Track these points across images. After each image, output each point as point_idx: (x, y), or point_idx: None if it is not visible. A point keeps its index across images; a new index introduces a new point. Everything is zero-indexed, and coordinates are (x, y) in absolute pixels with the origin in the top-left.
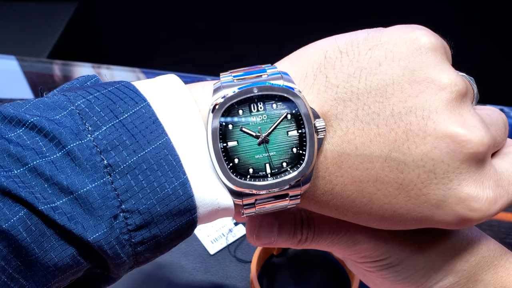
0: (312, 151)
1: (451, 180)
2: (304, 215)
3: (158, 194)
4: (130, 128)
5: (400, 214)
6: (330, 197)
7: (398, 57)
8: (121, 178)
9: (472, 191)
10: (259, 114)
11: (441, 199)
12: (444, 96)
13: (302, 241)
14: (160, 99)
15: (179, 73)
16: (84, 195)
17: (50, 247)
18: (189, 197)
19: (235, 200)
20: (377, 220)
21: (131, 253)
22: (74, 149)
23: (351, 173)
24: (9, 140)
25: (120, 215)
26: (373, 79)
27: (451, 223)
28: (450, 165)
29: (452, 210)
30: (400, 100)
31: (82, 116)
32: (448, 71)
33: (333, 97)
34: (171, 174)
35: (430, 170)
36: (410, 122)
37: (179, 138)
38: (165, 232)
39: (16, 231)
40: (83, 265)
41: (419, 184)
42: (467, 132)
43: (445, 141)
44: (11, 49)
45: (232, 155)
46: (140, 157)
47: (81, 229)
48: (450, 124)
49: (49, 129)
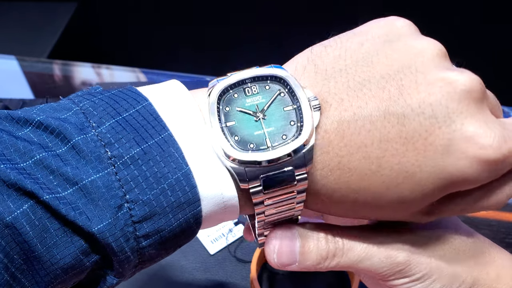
0: (310, 119)
1: (454, 121)
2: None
3: (161, 184)
4: (133, 123)
5: (412, 174)
6: (338, 173)
7: (377, 35)
8: (125, 168)
9: (477, 129)
10: (254, 96)
11: (448, 143)
12: (427, 53)
13: (330, 259)
14: (161, 99)
15: (179, 73)
16: (88, 184)
17: (53, 244)
18: (192, 188)
19: (242, 185)
20: (391, 192)
21: (135, 248)
22: (79, 142)
23: (354, 140)
24: (17, 137)
25: (124, 206)
26: (358, 54)
27: (468, 171)
28: (448, 107)
29: (462, 152)
30: (387, 65)
31: (87, 114)
32: (424, 37)
33: (323, 77)
34: (174, 165)
35: (431, 116)
36: (400, 78)
37: (180, 132)
38: (169, 226)
39: (19, 224)
40: (86, 265)
41: (423, 133)
42: (457, 73)
43: (438, 85)
44: (11, 49)
45: (232, 134)
46: (143, 149)
47: (86, 220)
48: (439, 71)
49: (54, 125)
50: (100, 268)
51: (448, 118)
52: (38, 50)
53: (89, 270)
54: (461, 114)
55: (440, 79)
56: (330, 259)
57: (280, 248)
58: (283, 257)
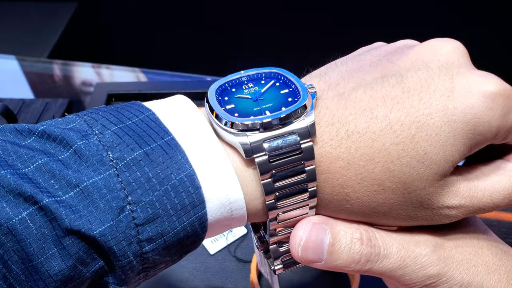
0: (306, 92)
1: (449, 69)
2: (363, 226)
3: (164, 185)
4: (135, 129)
5: (424, 122)
6: (348, 141)
7: (374, 51)
8: (127, 170)
9: (473, 73)
10: (251, 88)
11: (451, 86)
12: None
13: (363, 261)
14: (164, 109)
15: (179, 73)
16: (90, 186)
17: (51, 254)
18: (196, 189)
19: (247, 157)
20: (407, 145)
21: (138, 253)
22: (80, 147)
23: (358, 106)
24: (20, 146)
25: (126, 207)
26: (347, 59)
27: (479, 108)
28: (440, 60)
29: (467, 91)
30: (374, 55)
31: (90, 124)
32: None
33: (318, 77)
34: (177, 166)
35: (425, 67)
36: (389, 57)
37: (183, 136)
38: (173, 229)
39: (17, 232)
40: (86, 276)
41: (424, 84)
42: (439, 39)
43: (425, 47)
44: (11, 49)
45: (232, 113)
46: (145, 151)
47: (87, 223)
48: (424, 42)
49: (57, 133)
50: (101, 278)
51: (443, 68)
52: (38, 50)
53: (90, 281)
54: (454, 64)
55: (426, 46)
56: (362, 264)
57: (306, 242)
58: (309, 252)
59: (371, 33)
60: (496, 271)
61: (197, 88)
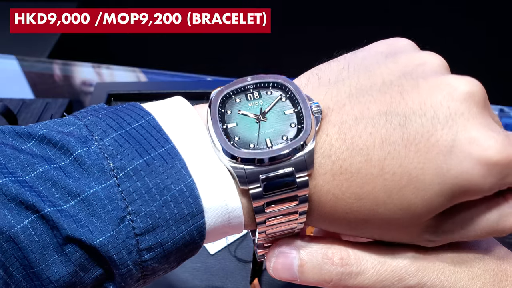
0: (310, 120)
1: (456, 122)
2: (337, 243)
3: (164, 195)
4: (136, 136)
5: (416, 176)
6: (341, 178)
7: (380, 50)
8: (127, 180)
9: (479, 130)
10: (255, 101)
11: (451, 144)
12: (428, 64)
13: (335, 281)
14: (164, 113)
15: (179, 73)
16: (90, 196)
17: (52, 261)
18: (195, 199)
19: (241, 187)
20: (395, 194)
21: (138, 261)
22: (81, 155)
23: (356, 143)
24: (20, 151)
25: (126, 218)
26: (361, 65)
27: (473, 174)
28: (450, 107)
29: (466, 153)
30: (388, 73)
31: (90, 128)
32: (425, 51)
33: (326, 87)
34: (177, 176)
35: (432, 117)
36: (401, 84)
37: (183, 144)
38: (172, 238)
39: (19, 239)
40: (86, 282)
41: (425, 134)
42: (457, 78)
43: (439, 88)
44: (11, 49)
45: (233, 135)
46: (146, 161)
47: (87, 233)
48: (440, 75)
49: (57, 139)
50: (101, 284)
51: (450, 119)
52: (38, 50)
53: (90, 286)
54: (463, 116)
55: (441, 83)
56: (335, 282)
57: (275, 265)
58: (280, 273)
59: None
60: (481, 276)
61: (197, 88)
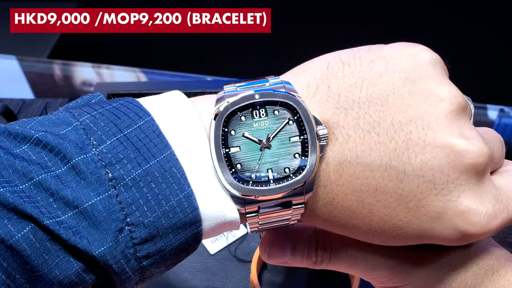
0: (315, 157)
1: (451, 191)
2: (321, 237)
3: (163, 206)
4: (134, 142)
5: (399, 227)
6: (331, 208)
7: (398, 69)
8: (126, 191)
9: (471, 204)
10: (261, 121)
11: (441, 211)
12: (444, 107)
13: (318, 262)
14: (163, 114)
15: (179, 73)
16: (89, 208)
17: (55, 265)
18: (194, 210)
19: (239, 208)
20: (377, 234)
21: (136, 268)
22: (79, 163)
23: (351, 182)
24: (15, 156)
25: (125, 228)
26: (374, 89)
27: (450, 238)
28: (449, 176)
29: (451, 223)
30: (401, 110)
31: (87, 131)
32: (447, 84)
33: (334, 106)
34: (176, 186)
35: (430, 181)
36: (410, 131)
37: (183, 150)
38: (170, 246)
39: (21, 247)
40: (88, 282)
41: (418, 195)
42: (466, 142)
43: (445, 151)
44: (11, 49)
45: (235, 161)
46: (145, 170)
47: (86, 244)
48: (449, 134)
49: (54, 143)
50: (102, 285)
51: (446, 187)
52: (38, 50)
53: (91, 285)
54: (459, 187)
55: (448, 145)
56: (318, 264)
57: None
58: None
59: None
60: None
61: (197, 88)
